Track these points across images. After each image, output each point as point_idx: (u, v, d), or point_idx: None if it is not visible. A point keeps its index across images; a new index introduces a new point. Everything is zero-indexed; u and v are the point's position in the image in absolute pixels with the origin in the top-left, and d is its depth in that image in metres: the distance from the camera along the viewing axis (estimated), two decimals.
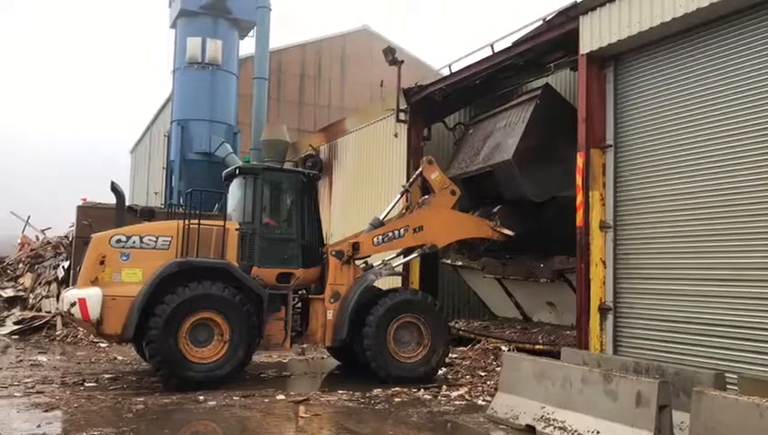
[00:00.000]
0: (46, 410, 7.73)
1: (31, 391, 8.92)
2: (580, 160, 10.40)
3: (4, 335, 15.15)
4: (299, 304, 10.74)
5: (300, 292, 10.79)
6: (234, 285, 9.57)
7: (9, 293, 17.88)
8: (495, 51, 13.19)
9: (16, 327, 15.52)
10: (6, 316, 16.58)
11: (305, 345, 12.05)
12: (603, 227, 10.24)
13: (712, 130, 8.83)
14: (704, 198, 8.86)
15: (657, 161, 9.60)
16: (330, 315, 10.43)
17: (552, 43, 11.86)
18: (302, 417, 7.93)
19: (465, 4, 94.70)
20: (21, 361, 11.60)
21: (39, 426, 6.95)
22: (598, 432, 6.43)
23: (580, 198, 10.37)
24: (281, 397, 8.89)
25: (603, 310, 10.11)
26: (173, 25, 26.65)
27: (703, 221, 8.86)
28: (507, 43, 13.06)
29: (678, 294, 9.10)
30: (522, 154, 12.59)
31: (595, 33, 10.23)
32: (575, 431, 6.63)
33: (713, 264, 8.68)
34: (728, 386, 6.86)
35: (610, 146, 10.31)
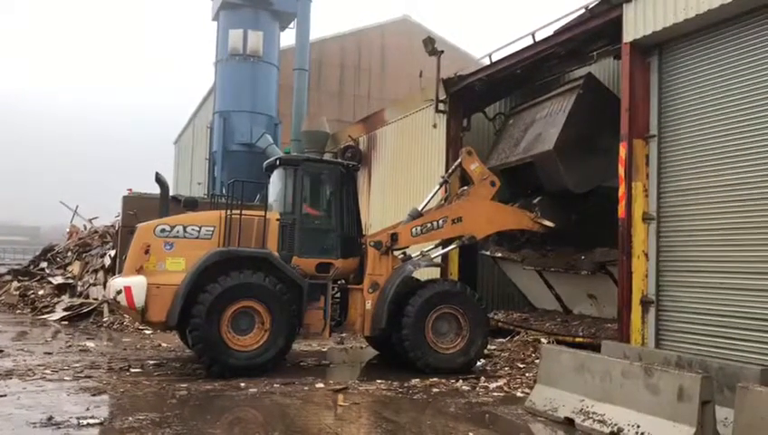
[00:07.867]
0: (94, 395, 7.97)
1: (80, 375, 9.20)
2: (622, 151, 10.22)
3: (55, 321, 15.66)
4: (338, 294, 10.83)
5: (339, 282, 10.89)
6: (274, 274, 9.70)
7: (59, 280, 18.48)
8: (537, 40, 13.03)
9: (65, 313, 16.03)
10: (56, 303, 17.13)
11: (344, 335, 12.19)
12: (646, 218, 10.06)
13: (760, 119, 8.58)
14: (752, 189, 8.62)
15: (704, 152, 9.37)
16: (368, 305, 10.49)
17: (594, 31, 11.64)
18: (340, 405, 8.02)
19: None
20: (70, 346, 11.97)
21: (88, 409, 7.17)
22: (638, 426, 6.35)
23: (622, 190, 10.20)
24: (320, 385, 9.00)
25: (645, 303, 9.95)
26: (215, 18, 27.03)
27: (751, 213, 8.62)
28: (549, 31, 12.90)
29: (725, 287, 8.89)
30: (563, 144, 12.42)
31: (639, 21, 10.02)
32: (615, 425, 6.57)
33: (762, 256, 8.44)
34: None
35: (654, 136, 10.11)
